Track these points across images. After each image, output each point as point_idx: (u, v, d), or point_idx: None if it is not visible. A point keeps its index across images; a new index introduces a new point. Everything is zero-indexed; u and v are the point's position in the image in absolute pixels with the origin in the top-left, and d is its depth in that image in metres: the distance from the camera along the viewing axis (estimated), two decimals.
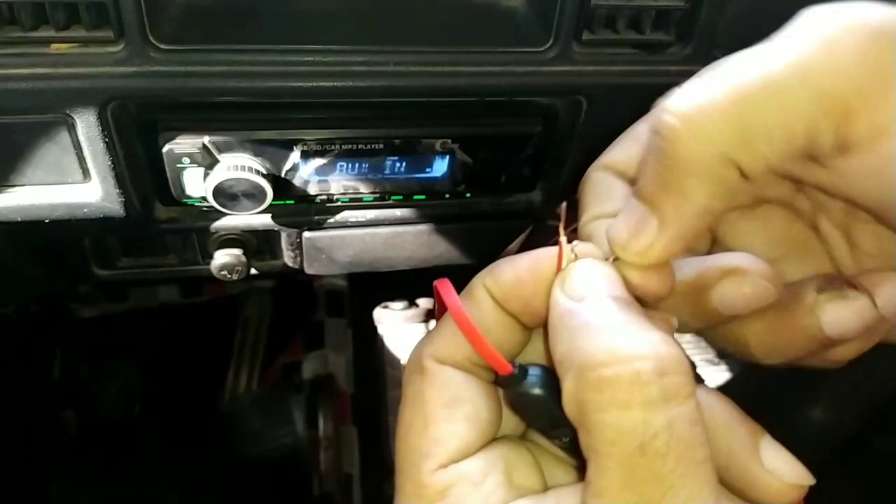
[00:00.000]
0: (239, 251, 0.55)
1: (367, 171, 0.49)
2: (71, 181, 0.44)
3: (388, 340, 1.18)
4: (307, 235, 0.55)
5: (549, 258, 0.28)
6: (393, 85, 0.43)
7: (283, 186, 0.47)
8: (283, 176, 0.47)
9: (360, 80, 0.42)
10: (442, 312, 0.30)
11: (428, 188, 0.51)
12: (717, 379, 1.21)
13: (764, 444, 0.27)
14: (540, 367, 0.28)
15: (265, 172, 0.46)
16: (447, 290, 0.29)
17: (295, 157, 0.46)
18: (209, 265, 0.56)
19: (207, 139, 0.44)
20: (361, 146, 0.47)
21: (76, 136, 0.41)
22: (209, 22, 0.39)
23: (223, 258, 0.55)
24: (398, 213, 0.54)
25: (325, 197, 0.50)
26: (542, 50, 0.43)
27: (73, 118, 0.40)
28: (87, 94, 0.39)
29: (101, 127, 0.41)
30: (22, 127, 0.40)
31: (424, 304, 1.20)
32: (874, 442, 0.82)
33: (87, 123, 0.41)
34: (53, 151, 0.42)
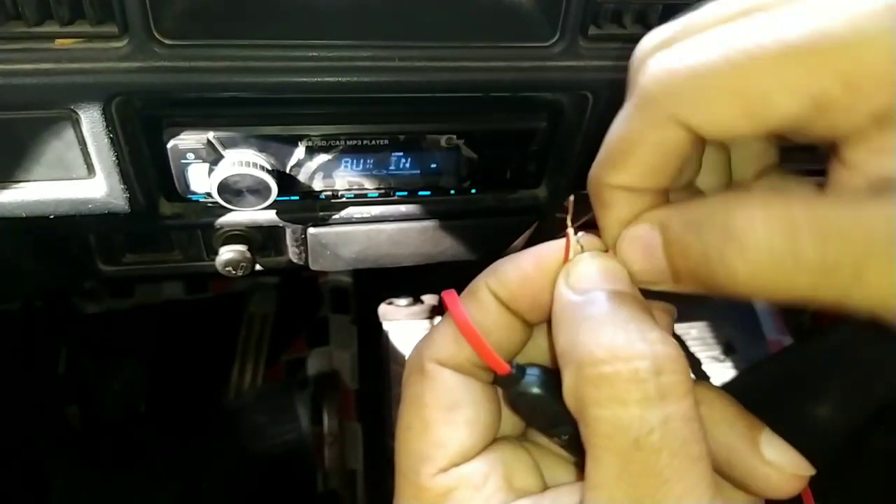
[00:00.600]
0: (244, 247, 0.55)
1: (371, 166, 0.49)
2: (75, 177, 0.44)
3: (392, 337, 1.18)
4: (312, 231, 0.55)
5: (553, 252, 0.28)
6: (398, 80, 0.42)
7: (287, 182, 0.47)
8: (287, 172, 0.47)
9: (364, 75, 0.42)
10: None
11: (433, 184, 0.51)
12: (722, 376, 1.21)
13: (763, 436, 0.27)
14: (538, 366, 0.28)
15: (270, 168, 0.45)
16: (453, 300, 0.29)
17: (300, 152, 0.46)
18: (214, 261, 0.56)
19: (212, 135, 0.44)
20: (366, 142, 0.47)
21: (80, 131, 0.41)
22: (213, 17, 0.39)
23: (228, 254, 0.55)
24: (403, 209, 0.54)
25: (329, 193, 0.50)
26: (547, 45, 0.43)
27: (77, 114, 0.40)
28: (91, 89, 0.39)
29: (105, 123, 0.41)
30: (26, 123, 0.40)
31: (429, 300, 1.20)
32: (882, 440, 0.81)
33: (91, 119, 0.40)
34: (58, 147, 0.42)
